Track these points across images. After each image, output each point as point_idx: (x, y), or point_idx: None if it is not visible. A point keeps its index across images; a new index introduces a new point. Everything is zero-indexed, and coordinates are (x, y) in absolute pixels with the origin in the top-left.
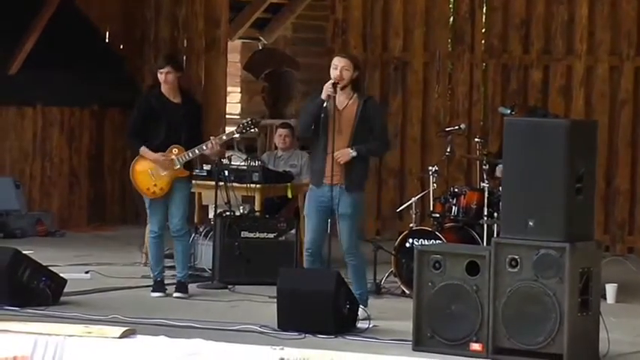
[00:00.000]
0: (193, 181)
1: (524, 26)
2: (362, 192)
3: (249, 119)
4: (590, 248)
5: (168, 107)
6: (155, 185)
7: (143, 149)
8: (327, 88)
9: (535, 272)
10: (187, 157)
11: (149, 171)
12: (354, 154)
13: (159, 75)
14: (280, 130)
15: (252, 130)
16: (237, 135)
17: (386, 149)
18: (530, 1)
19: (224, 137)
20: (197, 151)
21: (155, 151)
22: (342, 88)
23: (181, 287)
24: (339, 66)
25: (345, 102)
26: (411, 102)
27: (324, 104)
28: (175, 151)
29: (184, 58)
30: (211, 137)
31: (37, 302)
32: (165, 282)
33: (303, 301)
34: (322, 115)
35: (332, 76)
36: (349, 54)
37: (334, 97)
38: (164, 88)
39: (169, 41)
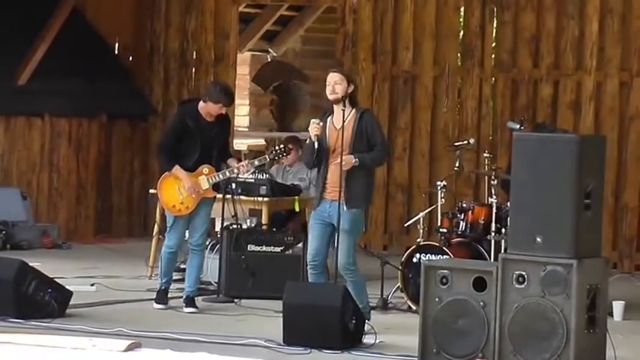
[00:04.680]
0: None
1: (534, 41)
2: (362, 209)
3: (282, 146)
4: (597, 265)
5: (202, 127)
6: (182, 203)
7: (177, 168)
8: (312, 129)
9: (542, 288)
10: (217, 178)
11: (177, 188)
12: (356, 161)
13: (217, 108)
14: None
15: (285, 157)
16: (269, 161)
17: (386, 157)
18: (540, 16)
19: (256, 162)
20: (228, 174)
21: (188, 170)
22: (337, 103)
23: (191, 302)
24: (331, 82)
25: (351, 118)
26: (420, 116)
27: (315, 145)
28: (206, 170)
29: (193, 70)
30: (244, 162)
31: (43, 314)
32: (171, 295)
33: (309, 316)
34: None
35: (327, 92)
36: (341, 68)
37: (329, 125)
38: (203, 110)
39: (178, 53)
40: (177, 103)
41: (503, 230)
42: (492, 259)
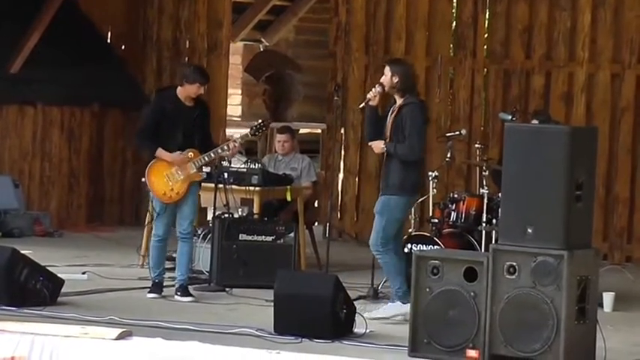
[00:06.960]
0: None
1: (526, 32)
2: (397, 195)
3: (260, 121)
4: (588, 256)
5: (182, 111)
6: (172, 190)
7: (160, 151)
8: (369, 93)
9: (533, 279)
10: (203, 160)
11: (165, 175)
12: (383, 147)
13: (195, 88)
14: (279, 136)
15: (265, 131)
16: (251, 137)
17: (409, 153)
18: (532, 8)
19: (239, 140)
20: (212, 155)
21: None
22: (385, 94)
23: (185, 291)
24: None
25: (395, 109)
26: None
27: (362, 105)
28: (191, 154)
29: (186, 59)
30: (230, 141)
31: (35, 302)
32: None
33: (300, 305)
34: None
35: None
36: (391, 59)
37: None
38: (181, 94)
39: (171, 42)
40: (155, 92)
41: (494, 221)
42: (483, 250)
